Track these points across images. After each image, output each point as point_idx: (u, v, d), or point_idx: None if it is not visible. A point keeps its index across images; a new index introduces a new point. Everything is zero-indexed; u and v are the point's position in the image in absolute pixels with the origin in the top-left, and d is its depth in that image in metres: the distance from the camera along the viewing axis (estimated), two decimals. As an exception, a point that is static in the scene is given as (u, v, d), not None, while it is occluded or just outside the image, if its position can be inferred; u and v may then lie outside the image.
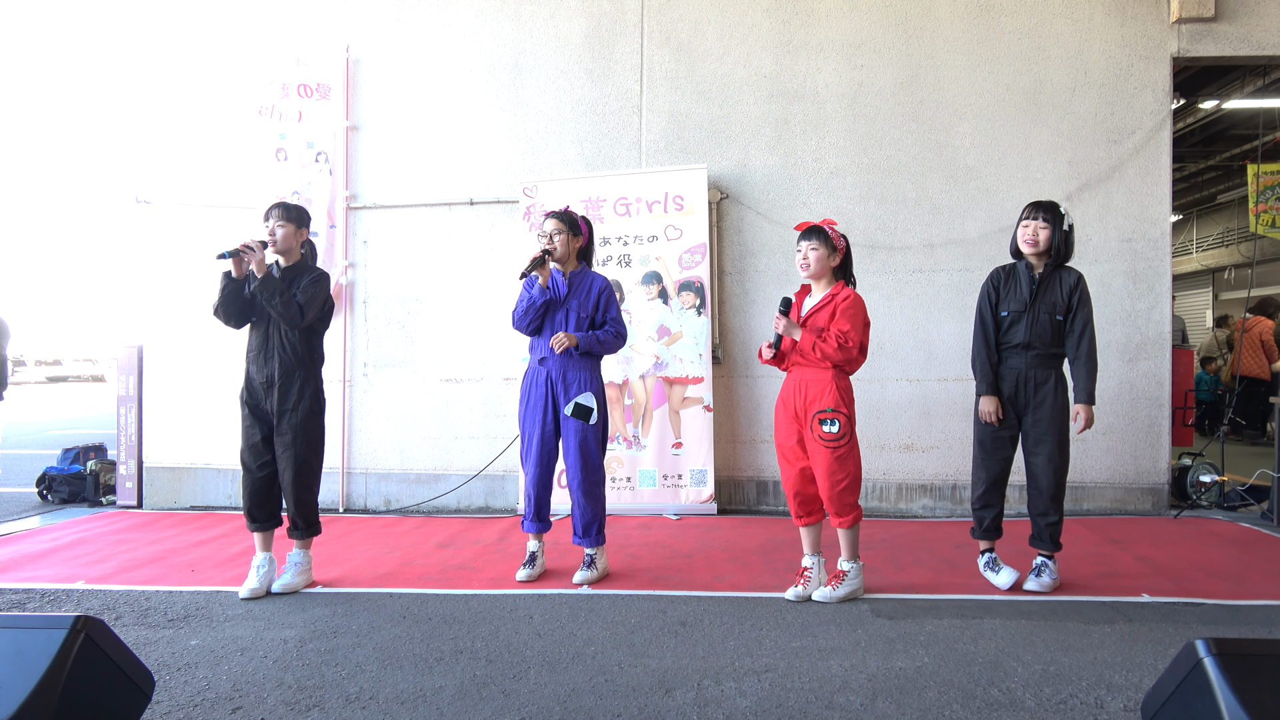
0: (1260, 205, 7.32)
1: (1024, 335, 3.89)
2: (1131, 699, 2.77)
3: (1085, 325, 3.85)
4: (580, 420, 4.13)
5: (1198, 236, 16.77)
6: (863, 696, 2.82)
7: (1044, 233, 3.87)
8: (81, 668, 2.13)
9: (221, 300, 3.98)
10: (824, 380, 3.78)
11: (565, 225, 4.16)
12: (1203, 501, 5.85)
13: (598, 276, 4.26)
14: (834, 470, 3.75)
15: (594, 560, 4.21)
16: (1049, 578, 3.96)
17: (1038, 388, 3.90)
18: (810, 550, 3.97)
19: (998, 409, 3.95)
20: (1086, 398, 3.83)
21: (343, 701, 2.83)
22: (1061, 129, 5.75)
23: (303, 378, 4.06)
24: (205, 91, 6.34)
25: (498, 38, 6.14)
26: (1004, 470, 4.02)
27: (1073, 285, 3.87)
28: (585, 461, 4.14)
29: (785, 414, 3.90)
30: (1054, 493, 3.91)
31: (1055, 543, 3.97)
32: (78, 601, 3.99)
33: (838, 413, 3.75)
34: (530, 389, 4.23)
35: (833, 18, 5.90)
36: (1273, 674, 1.91)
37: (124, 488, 6.47)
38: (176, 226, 6.38)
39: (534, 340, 4.24)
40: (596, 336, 4.15)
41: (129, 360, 6.52)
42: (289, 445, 4.03)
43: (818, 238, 3.80)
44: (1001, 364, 3.97)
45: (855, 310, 3.77)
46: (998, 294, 3.99)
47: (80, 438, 9.59)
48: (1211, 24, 5.64)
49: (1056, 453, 3.88)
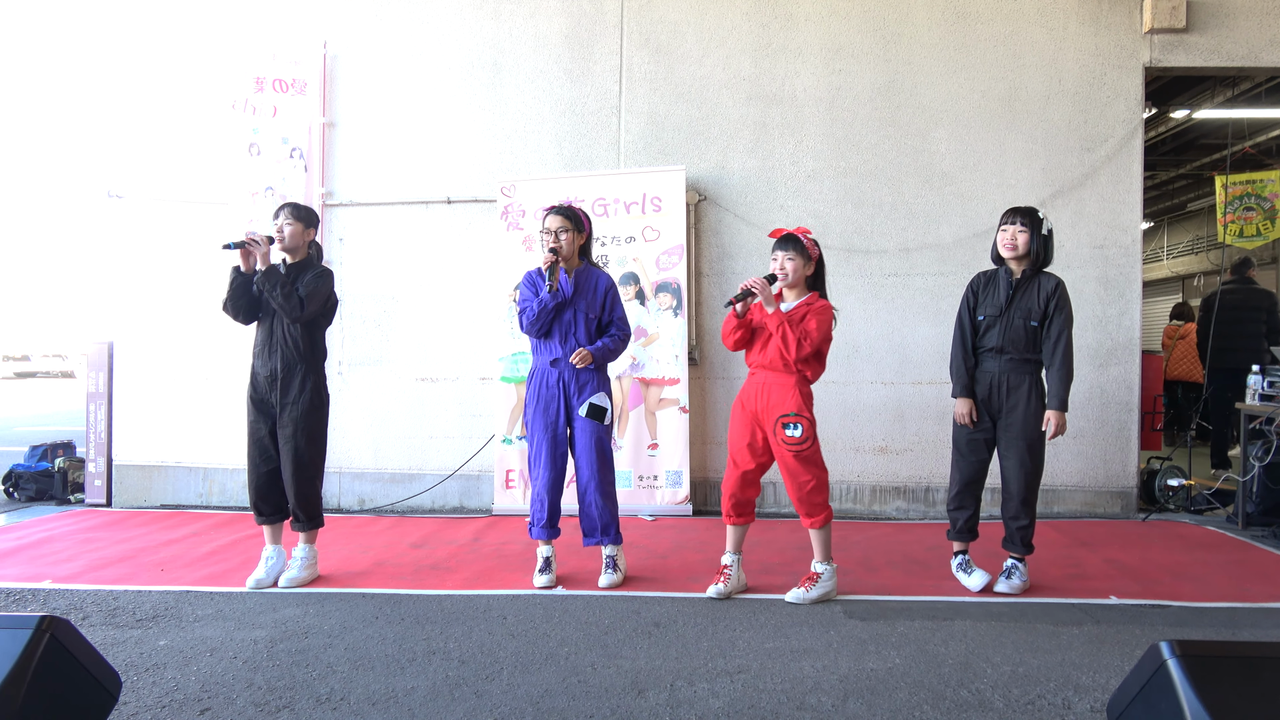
0: (1228, 215, 7.44)
1: (997, 339, 3.93)
2: (1098, 700, 2.81)
3: (1061, 332, 3.86)
4: (595, 420, 4.10)
5: (1168, 243, 16.99)
6: (834, 697, 2.84)
7: (1022, 236, 3.90)
8: (46, 669, 2.10)
9: (230, 294, 4.03)
10: (787, 385, 3.82)
11: (570, 222, 4.07)
12: (1170, 505, 5.94)
13: (602, 274, 4.21)
14: (799, 472, 3.79)
15: (616, 561, 4.17)
16: (1019, 580, 4.00)
17: (1010, 392, 3.94)
18: (732, 549, 4.01)
19: (971, 411, 4.00)
20: (1059, 404, 3.85)
21: (313, 703, 2.81)
22: (1036, 136, 5.81)
23: (304, 372, 4.10)
24: (178, 85, 6.27)
25: (477, 36, 6.12)
26: (979, 473, 4.06)
27: (1051, 291, 3.91)
28: (602, 461, 4.10)
29: (743, 415, 3.93)
30: (1024, 496, 3.95)
31: (1027, 545, 4.01)
32: (44, 601, 3.94)
33: (801, 416, 3.79)
34: (540, 391, 4.14)
35: (812, 22, 5.93)
36: (1234, 675, 1.94)
37: (93, 486, 6.38)
38: (149, 221, 6.30)
39: (539, 342, 4.17)
40: (607, 347, 4.11)
41: (99, 356, 6.44)
42: (289, 438, 4.06)
43: (794, 247, 3.82)
44: (977, 367, 4.02)
45: (824, 319, 3.82)
46: (977, 298, 4.04)
47: (48, 434, 9.44)
48: (1183, 35, 5.72)
49: (1028, 457, 3.92)
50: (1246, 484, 5.39)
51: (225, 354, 6.02)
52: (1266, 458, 5.18)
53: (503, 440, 5.89)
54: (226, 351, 5.98)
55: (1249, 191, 7.52)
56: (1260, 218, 7.52)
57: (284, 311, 3.99)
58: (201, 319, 6.09)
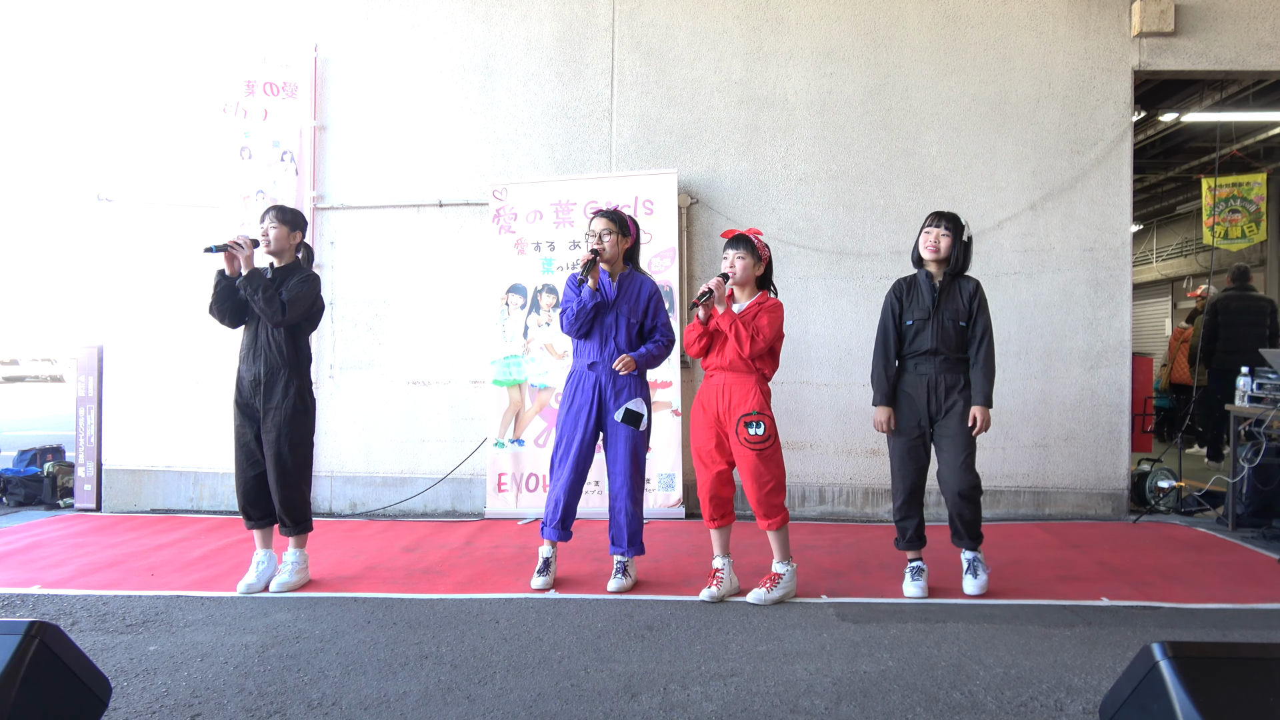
0: (1213, 218, 7.49)
1: (931, 342, 3.97)
2: (1090, 701, 2.82)
3: (985, 330, 3.97)
4: (631, 426, 4.09)
5: (1158, 246, 17.09)
6: (827, 700, 2.84)
7: (945, 240, 3.98)
8: (36, 674, 2.08)
9: (215, 297, 4.02)
10: (748, 384, 3.87)
11: (615, 226, 4.07)
12: (1161, 507, 5.96)
13: (646, 280, 4.21)
14: (760, 472, 3.81)
15: (627, 567, 4.17)
16: (984, 573, 4.01)
17: (948, 392, 3.98)
18: (720, 552, 4.04)
19: (890, 419, 4.04)
20: (984, 400, 3.93)
21: (304, 708, 2.80)
22: (1026, 139, 5.84)
23: (287, 376, 4.08)
24: (169, 88, 6.24)
25: (468, 39, 6.12)
26: (921, 479, 4.08)
27: (972, 292, 4.00)
28: (635, 468, 4.10)
29: (704, 417, 3.96)
30: (965, 491, 3.91)
31: (975, 535, 4.01)
32: (33, 606, 3.91)
33: (763, 415, 3.83)
34: (575, 393, 4.14)
35: (803, 25, 5.94)
36: (1226, 676, 1.95)
37: (82, 490, 6.34)
38: (139, 225, 6.27)
39: (580, 343, 4.16)
40: (650, 353, 4.12)
41: (89, 360, 6.40)
42: (273, 443, 4.05)
43: (745, 246, 3.90)
44: (910, 371, 4.04)
45: (775, 315, 3.90)
46: (901, 304, 4.08)
47: (37, 439, 9.38)
48: (1172, 39, 5.76)
49: (966, 453, 3.94)
50: (1236, 486, 5.42)
51: (215, 358, 5.99)
52: (1256, 459, 5.21)
53: (495, 444, 5.88)
54: (216, 355, 5.95)
55: (1235, 194, 7.57)
56: (1245, 220, 7.57)
57: (265, 316, 3.97)
58: (191, 323, 6.05)
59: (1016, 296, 5.79)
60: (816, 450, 5.83)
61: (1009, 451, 5.74)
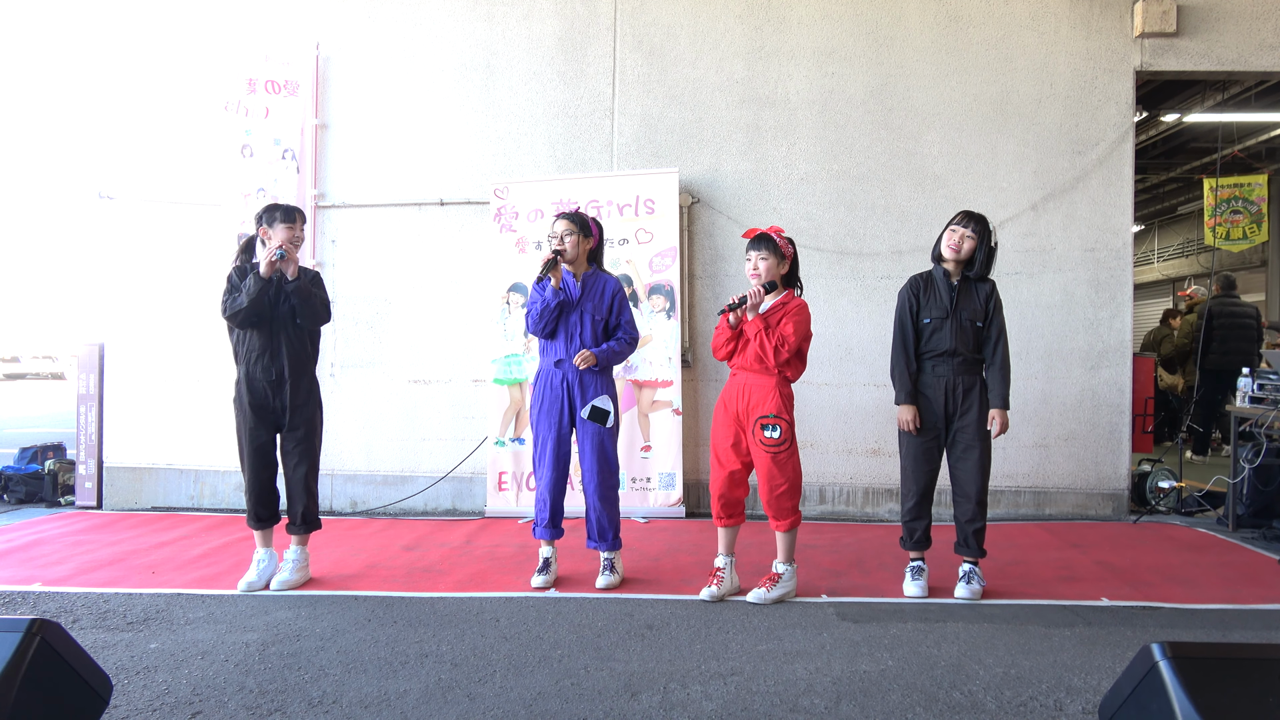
0: (1215, 218, 7.49)
1: (950, 342, 3.93)
2: (1090, 701, 2.82)
3: (1000, 332, 3.95)
4: (597, 424, 4.10)
5: (1159, 247, 17.09)
6: (827, 700, 2.84)
7: (969, 243, 3.93)
8: (37, 672, 2.09)
9: (252, 303, 3.89)
10: (768, 386, 3.83)
11: (576, 226, 4.12)
12: (1161, 507, 5.96)
13: (610, 279, 4.24)
14: (774, 475, 3.80)
15: (613, 563, 4.19)
16: (979, 584, 3.99)
17: (966, 393, 3.95)
18: (725, 550, 4.03)
19: (915, 417, 3.98)
20: (1002, 403, 3.91)
21: (305, 706, 2.80)
22: (1027, 139, 5.83)
23: (309, 373, 4.18)
24: (170, 86, 6.25)
25: (470, 38, 6.12)
26: (933, 480, 4.06)
27: (988, 292, 3.98)
28: (604, 465, 4.12)
29: (725, 415, 3.95)
30: (980, 498, 3.94)
31: (981, 548, 4.00)
32: (34, 604, 3.92)
33: (780, 418, 3.80)
34: (545, 392, 4.18)
35: (804, 25, 5.94)
36: (1226, 677, 1.95)
37: (83, 488, 6.34)
38: (140, 222, 6.27)
39: (546, 343, 4.20)
40: (612, 349, 4.15)
41: (90, 358, 6.40)
42: (301, 440, 4.11)
43: (767, 246, 3.85)
44: (927, 372, 4.00)
45: (801, 318, 3.85)
46: (918, 302, 4.02)
47: (38, 436, 9.39)
48: (1174, 39, 5.75)
49: (984, 458, 3.93)
50: (1237, 486, 5.42)
51: (217, 356, 5.97)
52: (1256, 460, 5.21)
53: (495, 442, 5.88)
54: (218, 353, 5.92)
55: (1236, 195, 7.58)
56: (1247, 221, 7.58)
57: (316, 318, 4.10)
58: (193, 320, 6.08)
59: (1017, 296, 5.78)
60: (816, 450, 5.83)
61: (1009, 451, 5.74)
